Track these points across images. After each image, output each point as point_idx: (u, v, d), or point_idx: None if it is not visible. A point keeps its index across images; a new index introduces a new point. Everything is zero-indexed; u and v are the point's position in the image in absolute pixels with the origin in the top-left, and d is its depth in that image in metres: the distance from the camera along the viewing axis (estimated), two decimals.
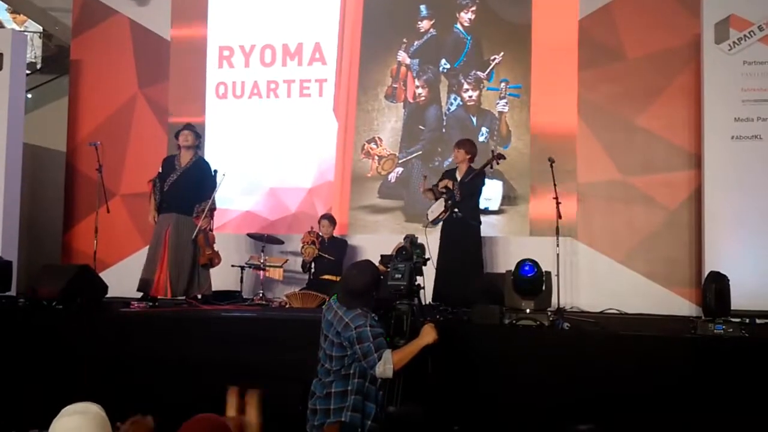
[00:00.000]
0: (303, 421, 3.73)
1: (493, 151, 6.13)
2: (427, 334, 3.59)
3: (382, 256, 4.08)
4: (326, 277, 6.68)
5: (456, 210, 5.79)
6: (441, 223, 5.93)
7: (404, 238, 4.02)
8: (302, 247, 6.75)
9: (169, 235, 6.08)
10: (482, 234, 6.05)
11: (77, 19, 8.64)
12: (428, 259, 4.05)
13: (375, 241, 6.96)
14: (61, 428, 2.16)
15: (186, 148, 6.24)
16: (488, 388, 4.31)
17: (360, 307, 3.59)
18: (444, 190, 5.88)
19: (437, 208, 5.90)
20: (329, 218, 7.01)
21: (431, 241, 5.73)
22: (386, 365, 3.44)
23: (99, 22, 8.49)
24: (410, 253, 3.85)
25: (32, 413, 2.56)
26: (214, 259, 6.24)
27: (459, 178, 5.96)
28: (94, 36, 8.51)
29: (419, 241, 4.08)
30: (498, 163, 5.99)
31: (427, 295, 5.88)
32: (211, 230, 6.32)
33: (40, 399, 4.39)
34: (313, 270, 6.88)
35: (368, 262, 3.88)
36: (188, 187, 6.16)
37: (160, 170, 6.31)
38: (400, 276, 3.72)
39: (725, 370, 4.13)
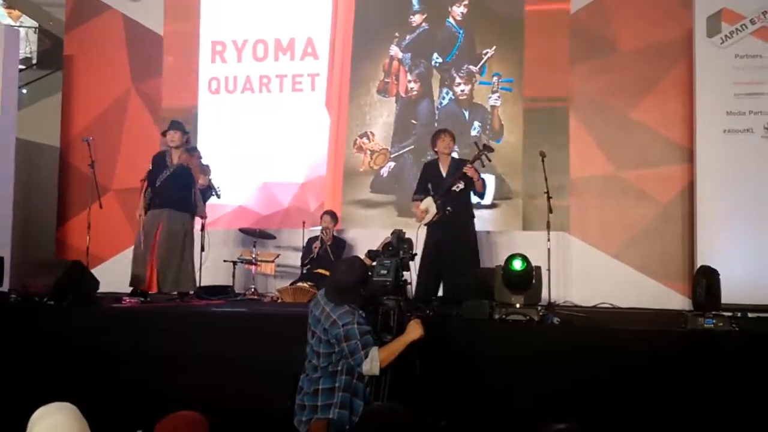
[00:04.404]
0: (291, 416, 3.74)
1: (477, 144, 6.06)
2: (414, 330, 3.58)
3: (369, 251, 4.08)
4: (319, 271, 6.69)
5: (448, 208, 5.74)
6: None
7: (391, 234, 4.01)
8: None
9: (160, 231, 6.08)
10: (475, 228, 6.00)
11: (70, 15, 8.64)
12: (415, 254, 4.03)
13: (367, 236, 6.98)
14: (49, 425, 2.17)
15: (174, 148, 6.23)
16: (476, 383, 4.30)
17: (347, 304, 3.58)
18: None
19: (430, 210, 5.82)
20: (331, 214, 7.05)
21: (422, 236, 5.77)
22: (373, 363, 3.44)
23: (92, 17, 8.49)
24: (396, 248, 3.84)
25: (23, 409, 2.56)
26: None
27: (444, 173, 5.88)
28: (87, 31, 8.51)
29: (407, 236, 4.07)
30: (490, 159, 5.88)
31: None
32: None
33: (30, 395, 4.39)
34: (308, 266, 6.88)
35: (356, 259, 3.87)
36: (180, 183, 6.15)
37: (151, 167, 6.30)
38: (385, 272, 3.70)
39: (715, 364, 4.13)
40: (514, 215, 7.12)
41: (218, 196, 6.49)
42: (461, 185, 5.79)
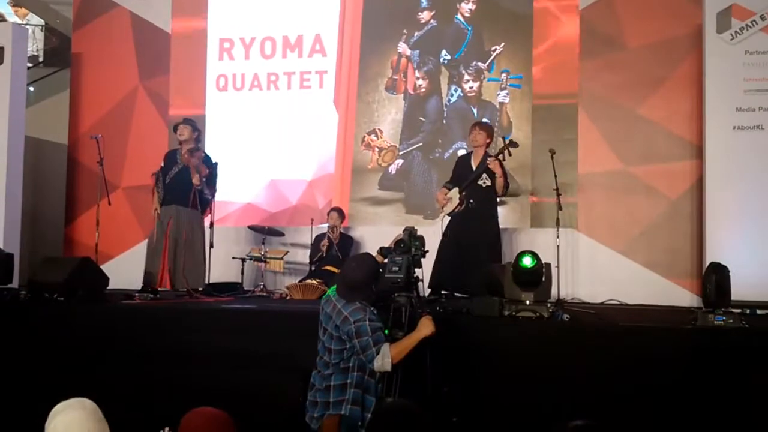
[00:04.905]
0: (303, 412, 3.75)
1: (504, 138, 6.08)
2: (425, 327, 3.59)
3: (381, 248, 4.08)
4: (328, 267, 6.70)
5: (471, 200, 5.73)
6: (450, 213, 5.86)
7: (403, 231, 4.01)
8: None
9: (170, 228, 6.11)
10: (498, 227, 5.96)
11: (78, 12, 8.65)
12: (427, 251, 4.03)
13: (375, 233, 6.98)
14: (62, 423, 2.18)
15: (183, 142, 6.25)
16: (487, 379, 4.31)
17: (359, 301, 3.59)
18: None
19: (453, 200, 5.81)
20: (338, 211, 7.05)
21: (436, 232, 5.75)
22: (384, 359, 3.45)
23: (100, 14, 8.50)
24: (408, 245, 3.85)
25: (33, 406, 2.58)
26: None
27: (474, 166, 5.87)
28: (95, 29, 8.52)
29: (419, 233, 4.07)
30: (510, 154, 5.85)
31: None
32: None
33: (41, 391, 4.41)
34: (317, 263, 6.90)
35: (367, 255, 3.88)
36: (189, 179, 6.16)
37: (162, 164, 6.32)
38: (397, 269, 3.71)
39: (725, 361, 4.13)
40: (522, 212, 7.12)
41: (209, 199, 6.43)
42: (488, 181, 5.78)
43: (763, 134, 6.14)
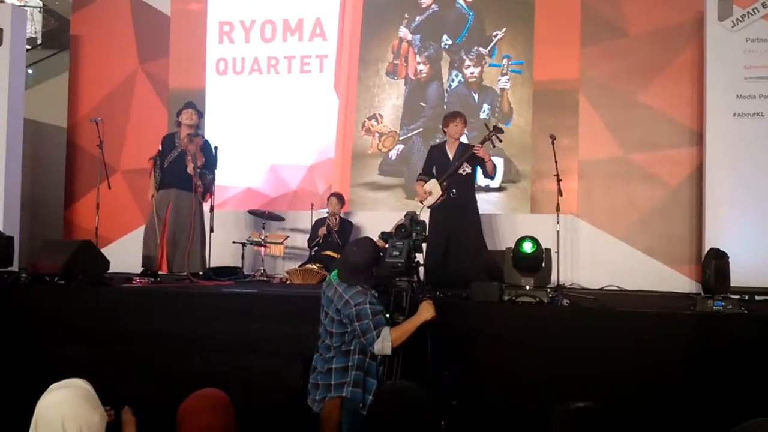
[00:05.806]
0: (304, 395, 3.78)
1: (486, 125, 6.03)
2: (425, 311, 3.62)
3: (382, 232, 4.09)
4: (327, 252, 6.71)
5: (453, 190, 5.73)
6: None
7: (405, 216, 4.02)
8: None
9: (169, 212, 6.11)
10: (483, 211, 5.98)
11: None
12: (428, 236, 4.05)
13: (375, 218, 6.98)
14: (49, 402, 2.20)
15: (189, 126, 6.22)
16: (487, 363, 4.34)
17: (360, 284, 3.61)
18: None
19: (434, 192, 5.79)
20: (338, 196, 7.03)
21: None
22: (384, 342, 3.48)
23: None
24: (409, 230, 3.85)
25: (33, 389, 2.59)
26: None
27: (451, 156, 5.82)
28: (94, 11, 8.48)
29: (420, 218, 4.08)
30: (500, 140, 5.84)
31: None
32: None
33: (40, 374, 4.43)
34: (317, 248, 6.91)
35: (368, 239, 3.88)
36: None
37: (160, 148, 6.30)
38: (398, 253, 3.72)
39: (724, 347, 4.15)
40: (522, 198, 7.13)
41: (210, 183, 6.40)
42: (468, 169, 5.76)
43: (764, 121, 6.15)
